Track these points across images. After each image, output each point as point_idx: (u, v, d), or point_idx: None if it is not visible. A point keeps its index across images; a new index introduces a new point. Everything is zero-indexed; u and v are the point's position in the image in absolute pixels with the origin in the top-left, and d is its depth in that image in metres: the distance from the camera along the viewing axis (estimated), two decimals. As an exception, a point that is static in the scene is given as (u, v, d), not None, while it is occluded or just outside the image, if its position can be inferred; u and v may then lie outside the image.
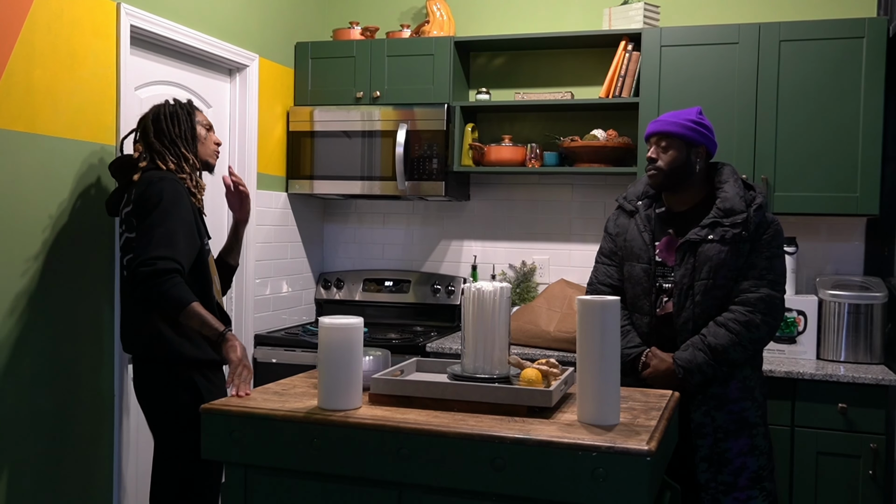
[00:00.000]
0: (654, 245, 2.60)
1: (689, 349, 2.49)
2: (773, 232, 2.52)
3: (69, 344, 2.63)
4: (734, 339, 2.44)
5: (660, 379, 2.52)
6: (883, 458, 2.96)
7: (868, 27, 3.21)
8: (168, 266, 2.30)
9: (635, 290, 2.62)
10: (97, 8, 2.70)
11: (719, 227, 2.49)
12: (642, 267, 2.59)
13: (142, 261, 2.30)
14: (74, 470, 2.67)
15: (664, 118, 2.59)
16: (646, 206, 2.67)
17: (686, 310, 2.52)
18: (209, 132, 2.66)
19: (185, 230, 2.40)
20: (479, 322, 2.06)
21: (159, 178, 2.44)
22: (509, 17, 3.98)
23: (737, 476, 2.48)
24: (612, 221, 2.77)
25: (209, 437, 1.99)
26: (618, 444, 1.67)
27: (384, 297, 4.10)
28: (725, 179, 2.57)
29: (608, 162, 3.61)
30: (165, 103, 2.60)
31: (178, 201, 2.41)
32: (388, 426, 1.84)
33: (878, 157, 3.20)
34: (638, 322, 2.62)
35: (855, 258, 3.55)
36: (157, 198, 2.39)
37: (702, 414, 2.50)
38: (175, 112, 2.56)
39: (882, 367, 3.15)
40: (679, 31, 3.44)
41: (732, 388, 2.50)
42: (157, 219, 2.36)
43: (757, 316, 2.46)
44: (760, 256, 2.49)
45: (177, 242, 2.35)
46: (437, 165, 3.68)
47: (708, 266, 2.48)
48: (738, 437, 2.48)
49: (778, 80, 3.30)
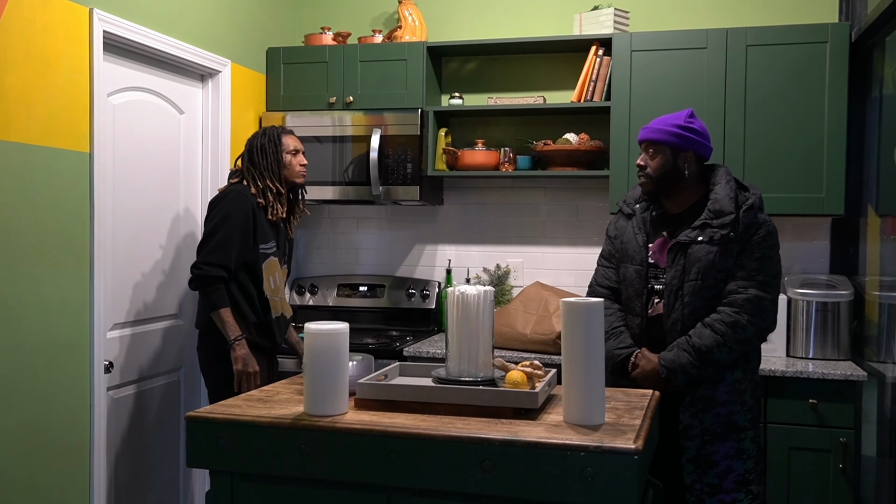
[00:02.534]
0: (647, 247, 2.62)
1: (674, 350, 2.51)
2: (765, 232, 2.52)
3: (44, 355, 2.59)
4: (719, 339, 2.45)
5: (647, 379, 2.53)
6: (852, 452, 3.03)
7: (831, 32, 3.29)
8: (213, 273, 2.84)
9: (628, 291, 2.64)
10: (70, 14, 2.66)
11: (708, 228, 2.51)
12: (635, 268, 2.61)
13: (195, 263, 2.88)
14: (51, 481, 2.62)
15: (652, 125, 2.61)
16: (643, 208, 2.69)
17: (675, 311, 2.53)
18: (295, 157, 3.08)
19: (240, 236, 2.89)
20: (463, 325, 2.07)
21: (229, 191, 2.96)
22: (481, 23, 4.01)
23: (722, 479, 2.49)
24: (612, 224, 2.79)
25: (195, 445, 1.97)
26: (605, 444, 1.70)
27: (358, 302, 4.10)
28: (718, 181, 2.58)
29: (581, 165, 3.65)
30: (259, 134, 3.08)
31: (237, 211, 2.90)
32: (376, 430, 1.84)
33: (842, 158, 3.28)
34: (631, 323, 2.64)
35: (821, 257, 3.64)
36: (219, 209, 2.92)
37: (690, 416, 2.51)
38: (264, 146, 3.03)
39: (849, 363, 3.23)
40: (649, 35, 3.49)
41: (721, 390, 2.51)
42: (215, 227, 2.90)
43: (743, 317, 2.46)
44: (750, 257, 2.50)
45: (228, 249, 2.87)
46: (410, 170, 3.69)
47: (697, 267, 2.50)
48: (724, 440, 2.49)
49: (745, 83, 3.37)
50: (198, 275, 2.87)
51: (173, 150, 3.35)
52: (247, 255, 2.94)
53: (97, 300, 2.78)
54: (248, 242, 2.94)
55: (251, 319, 2.96)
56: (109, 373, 2.94)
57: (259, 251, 2.97)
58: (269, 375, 3.03)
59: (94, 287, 2.77)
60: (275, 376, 3.07)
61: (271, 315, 3.01)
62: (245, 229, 2.92)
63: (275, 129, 3.09)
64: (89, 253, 2.76)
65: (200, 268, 2.86)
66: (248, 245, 2.94)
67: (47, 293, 2.59)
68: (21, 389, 2.51)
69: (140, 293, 3.17)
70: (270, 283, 3.02)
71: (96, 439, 2.79)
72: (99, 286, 2.79)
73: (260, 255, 2.98)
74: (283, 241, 3.12)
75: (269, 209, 3.00)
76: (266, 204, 2.99)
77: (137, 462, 3.15)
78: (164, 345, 3.28)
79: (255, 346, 2.97)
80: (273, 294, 3.03)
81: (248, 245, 2.94)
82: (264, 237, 2.99)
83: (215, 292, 2.86)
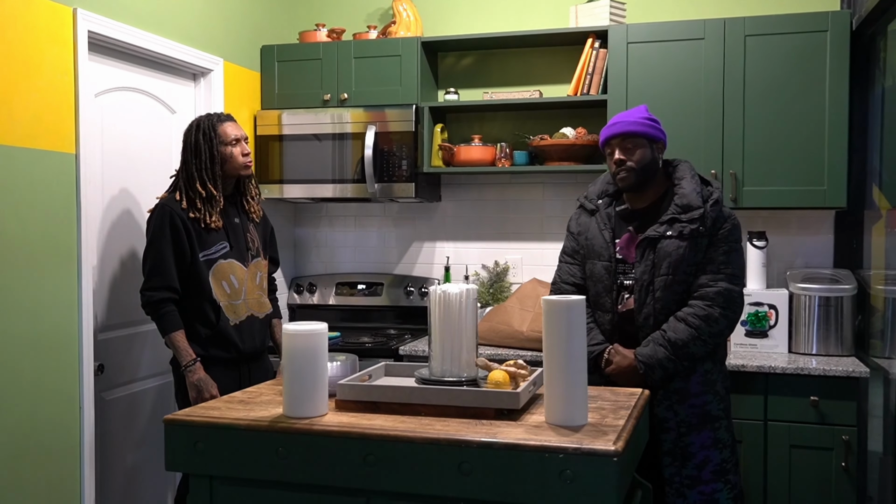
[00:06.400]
0: (614, 243, 2.61)
1: (650, 345, 2.51)
2: (730, 226, 2.55)
3: (32, 357, 2.57)
4: (694, 333, 2.47)
5: (623, 375, 2.54)
6: (855, 450, 2.97)
7: (831, 21, 3.22)
8: (157, 297, 2.76)
9: (597, 287, 2.63)
10: (53, 14, 2.64)
11: (677, 223, 2.52)
12: (603, 265, 2.61)
13: (140, 292, 2.80)
14: (39, 484, 2.61)
15: (622, 118, 2.60)
16: (606, 204, 2.69)
17: (647, 306, 2.54)
18: (235, 146, 2.88)
19: (173, 253, 2.77)
20: (445, 324, 2.04)
21: (154, 209, 2.82)
22: (476, 17, 3.96)
23: (700, 469, 2.50)
24: (573, 220, 2.77)
25: (173, 448, 1.95)
26: (584, 445, 1.66)
27: (357, 300, 4.07)
28: (682, 175, 2.60)
29: (578, 160, 3.60)
30: (193, 127, 2.87)
31: (162, 230, 2.77)
32: (354, 433, 1.81)
33: (844, 149, 3.22)
34: (600, 319, 2.64)
35: (824, 251, 3.57)
36: (148, 230, 2.81)
37: (665, 409, 2.52)
38: (198, 143, 2.84)
39: (853, 358, 3.16)
40: (645, 27, 3.43)
41: (694, 382, 2.52)
42: (146, 251, 2.82)
43: (716, 310, 2.48)
44: (718, 251, 2.52)
45: (164, 268, 2.77)
46: (406, 167, 3.65)
47: (667, 262, 2.50)
48: (700, 430, 2.51)
49: (744, 74, 3.31)
50: (143, 302, 2.78)
51: (165, 149, 3.33)
52: (188, 269, 2.80)
53: (85, 302, 2.76)
54: (186, 256, 2.79)
55: (203, 333, 2.83)
56: (101, 375, 2.92)
57: (201, 260, 2.82)
58: (239, 386, 2.79)
59: (81, 289, 2.75)
60: (255, 382, 2.84)
61: (226, 322, 2.85)
62: (176, 244, 2.77)
63: (210, 119, 2.88)
64: (77, 254, 2.74)
65: (144, 294, 2.78)
66: (186, 258, 2.79)
67: (33, 295, 2.58)
68: (8, 392, 2.49)
69: (133, 295, 3.13)
70: (224, 287, 2.86)
71: (86, 442, 2.77)
72: (87, 288, 2.77)
73: (203, 264, 2.82)
74: (241, 238, 2.94)
75: (202, 220, 2.81)
76: (197, 216, 2.80)
77: (130, 464, 3.13)
78: (157, 346, 3.25)
79: (215, 360, 2.84)
80: (230, 299, 2.88)
81: (186, 258, 2.79)
82: (205, 244, 2.83)
83: (165, 316, 2.76)
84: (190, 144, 2.85)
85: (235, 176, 2.93)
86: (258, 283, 3.01)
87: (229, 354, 2.88)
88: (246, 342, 2.92)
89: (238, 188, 3.00)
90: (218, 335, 2.85)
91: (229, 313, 2.88)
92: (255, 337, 2.97)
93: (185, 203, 2.82)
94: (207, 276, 2.83)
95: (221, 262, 2.87)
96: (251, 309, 2.96)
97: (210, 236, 2.85)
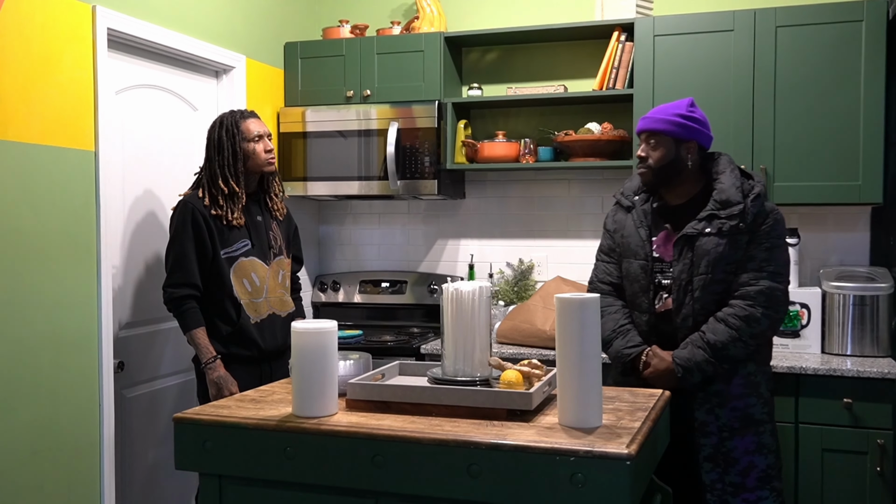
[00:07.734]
0: (650, 240, 2.52)
1: (688, 347, 2.41)
2: (773, 221, 2.43)
3: (51, 354, 2.58)
4: (734, 334, 2.36)
5: (660, 378, 2.44)
6: (891, 455, 2.86)
7: (867, 9, 3.11)
8: (179, 293, 2.77)
9: (633, 287, 2.54)
10: (71, 11, 2.65)
11: (716, 219, 2.41)
12: (639, 263, 2.52)
13: (162, 288, 2.81)
14: (59, 481, 2.62)
15: (652, 114, 2.51)
16: (642, 200, 2.59)
17: (686, 306, 2.44)
18: (258, 143, 2.87)
19: (195, 250, 2.77)
20: (458, 323, 1.99)
21: (177, 205, 2.83)
22: (500, 11, 3.91)
23: (745, 476, 2.39)
24: (610, 218, 2.69)
25: (182, 447, 1.93)
26: (596, 448, 1.60)
27: (381, 298, 4.04)
28: (722, 170, 2.49)
29: (604, 155, 3.53)
30: (217, 124, 2.87)
31: (184, 226, 2.77)
32: (362, 433, 1.78)
33: (880, 143, 3.10)
34: (637, 320, 2.54)
35: (860, 248, 3.45)
36: (171, 226, 2.82)
37: (705, 412, 2.42)
38: (221, 140, 2.84)
39: (889, 360, 3.05)
40: (672, 19, 3.35)
41: (735, 384, 2.41)
42: (168, 247, 2.83)
43: (757, 310, 2.37)
44: (759, 248, 2.40)
45: (186, 265, 2.77)
46: (429, 164, 3.61)
47: (706, 260, 2.40)
48: (743, 434, 2.40)
49: (775, 66, 3.21)
50: (165, 299, 2.79)
51: (187, 147, 3.33)
52: (209, 266, 2.80)
53: (104, 299, 2.77)
54: (207, 253, 2.79)
55: (224, 331, 2.82)
56: (121, 372, 2.93)
57: (222, 257, 2.81)
58: (260, 384, 2.75)
59: (101, 286, 2.76)
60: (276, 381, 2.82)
61: (247, 320, 2.84)
62: (198, 241, 2.77)
63: (233, 115, 2.89)
64: (96, 252, 2.74)
65: (166, 291, 2.79)
66: (208, 255, 2.79)
67: (53, 292, 2.59)
68: (28, 389, 2.50)
69: (155, 292, 3.14)
70: (245, 285, 2.85)
71: (106, 439, 2.78)
72: (106, 285, 2.78)
73: (224, 262, 2.81)
74: (263, 235, 2.93)
75: (224, 217, 2.81)
76: (219, 213, 2.80)
77: (151, 462, 3.14)
78: (180, 344, 3.26)
79: (236, 358, 2.83)
80: (252, 297, 2.87)
81: (208, 255, 2.79)
82: (227, 241, 2.82)
83: (186, 313, 2.76)
84: (213, 141, 2.85)
85: (258, 173, 2.92)
86: (280, 281, 2.99)
87: (250, 352, 2.87)
88: (267, 340, 2.90)
89: (262, 185, 2.98)
90: (239, 333, 2.84)
91: (250, 311, 2.86)
92: (277, 335, 2.94)
93: (208, 200, 2.81)
94: (228, 274, 2.83)
95: (243, 260, 2.86)
96: (273, 307, 2.94)
97: (232, 234, 2.84)
